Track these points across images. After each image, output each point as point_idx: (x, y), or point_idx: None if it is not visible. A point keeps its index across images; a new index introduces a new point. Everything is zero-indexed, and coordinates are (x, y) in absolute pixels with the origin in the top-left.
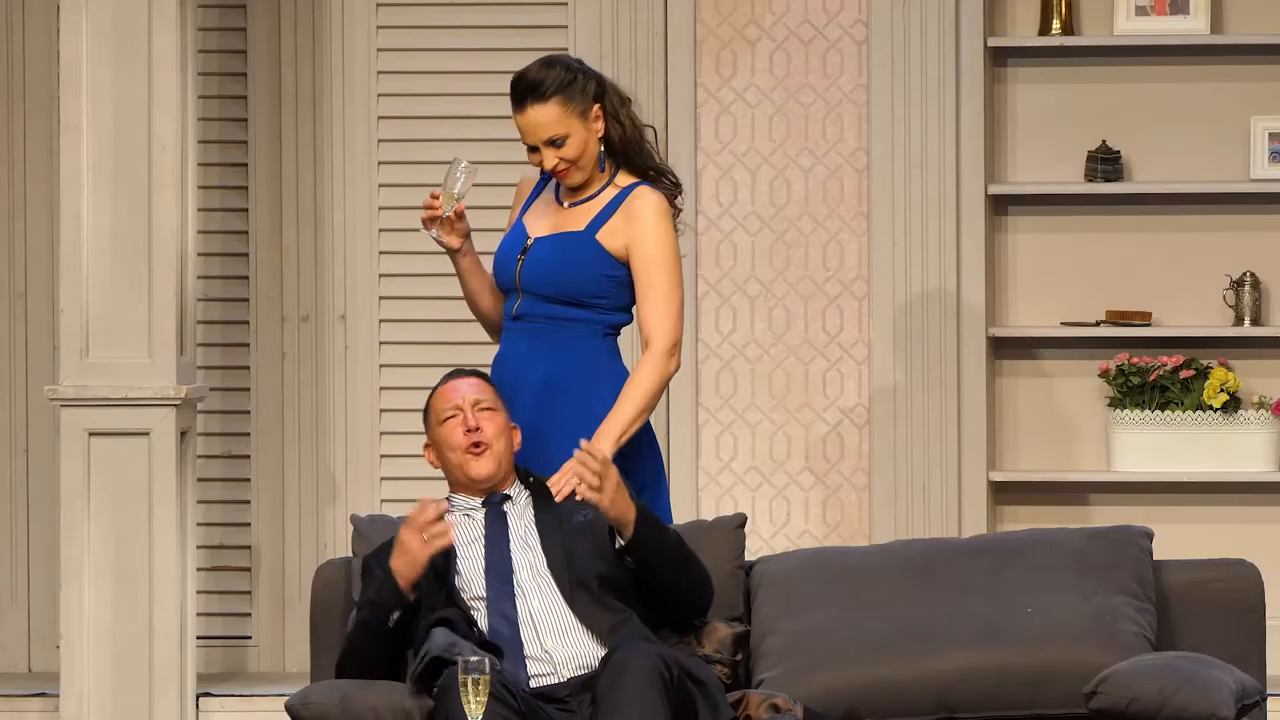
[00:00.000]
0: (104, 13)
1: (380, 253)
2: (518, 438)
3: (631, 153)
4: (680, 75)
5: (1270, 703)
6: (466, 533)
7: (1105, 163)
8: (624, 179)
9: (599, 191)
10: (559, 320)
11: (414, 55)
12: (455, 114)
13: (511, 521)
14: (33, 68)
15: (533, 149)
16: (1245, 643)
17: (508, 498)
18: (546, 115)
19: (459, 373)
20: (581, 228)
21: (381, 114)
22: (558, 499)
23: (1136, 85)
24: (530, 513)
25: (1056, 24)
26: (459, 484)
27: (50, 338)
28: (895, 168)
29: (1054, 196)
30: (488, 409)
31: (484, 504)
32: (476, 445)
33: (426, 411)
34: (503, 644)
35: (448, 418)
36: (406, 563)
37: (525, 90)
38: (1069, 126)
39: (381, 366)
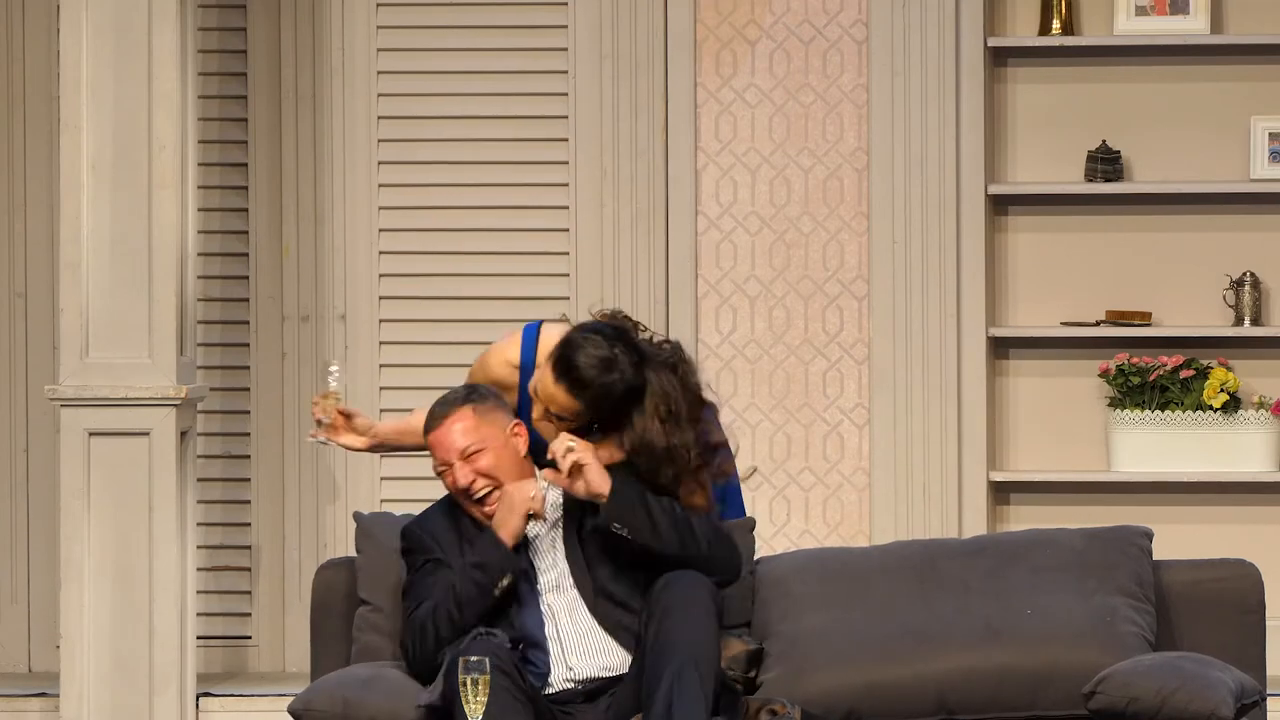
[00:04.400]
0: (104, 12)
1: (380, 253)
2: (522, 439)
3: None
4: (680, 75)
5: (1270, 703)
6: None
7: (1105, 163)
8: None
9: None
10: None
11: (414, 55)
12: (455, 114)
13: (538, 535)
14: (33, 68)
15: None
16: (1245, 643)
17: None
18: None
19: (443, 411)
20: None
21: (381, 114)
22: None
23: (1136, 85)
24: (559, 523)
25: (1056, 24)
26: None
27: (50, 338)
28: (895, 168)
29: (1054, 196)
30: (475, 452)
31: None
32: (479, 500)
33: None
34: (536, 660)
35: (441, 471)
36: (514, 521)
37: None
38: (1069, 126)
39: (381, 366)
